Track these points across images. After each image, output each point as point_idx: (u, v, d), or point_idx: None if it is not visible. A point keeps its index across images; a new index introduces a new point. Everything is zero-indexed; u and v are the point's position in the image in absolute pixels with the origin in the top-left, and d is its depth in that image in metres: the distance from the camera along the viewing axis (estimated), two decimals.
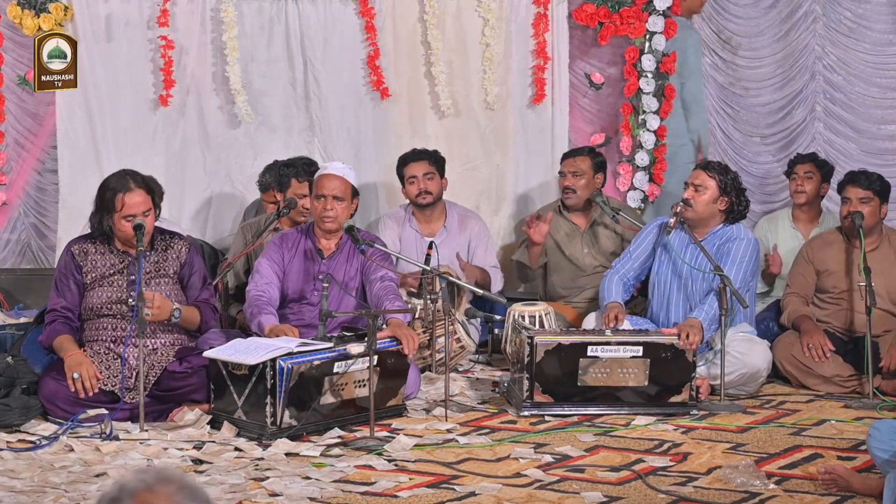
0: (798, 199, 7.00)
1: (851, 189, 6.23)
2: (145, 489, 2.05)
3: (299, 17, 7.54)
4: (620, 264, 6.35)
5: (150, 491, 2.05)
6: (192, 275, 5.67)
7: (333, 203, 5.86)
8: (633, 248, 6.35)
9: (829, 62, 7.71)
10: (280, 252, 5.95)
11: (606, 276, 6.35)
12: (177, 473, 2.10)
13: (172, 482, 2.07)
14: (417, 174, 7.00)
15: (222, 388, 5.28)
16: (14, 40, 7.48)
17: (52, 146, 7.55)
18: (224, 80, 7.47)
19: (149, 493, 2.05)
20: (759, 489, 4.41)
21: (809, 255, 6.42)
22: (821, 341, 6.10)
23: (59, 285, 5.62)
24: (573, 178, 6.99)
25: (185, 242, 5.72)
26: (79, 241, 5.69)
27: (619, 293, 6.21)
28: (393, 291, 5.78)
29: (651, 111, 7.60)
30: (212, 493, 4.31)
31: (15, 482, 4.49)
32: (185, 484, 2.08)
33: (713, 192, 6.06)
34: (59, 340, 5.50)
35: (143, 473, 2.08)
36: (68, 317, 5.56)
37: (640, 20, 7.53)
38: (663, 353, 5.55)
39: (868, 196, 6.20)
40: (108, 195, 5.52)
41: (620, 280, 6.27)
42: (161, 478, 2.07)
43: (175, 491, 2.06)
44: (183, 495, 2.06)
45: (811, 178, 6.95)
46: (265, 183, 6.91)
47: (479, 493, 4.38)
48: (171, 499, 2.05)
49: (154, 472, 2.09)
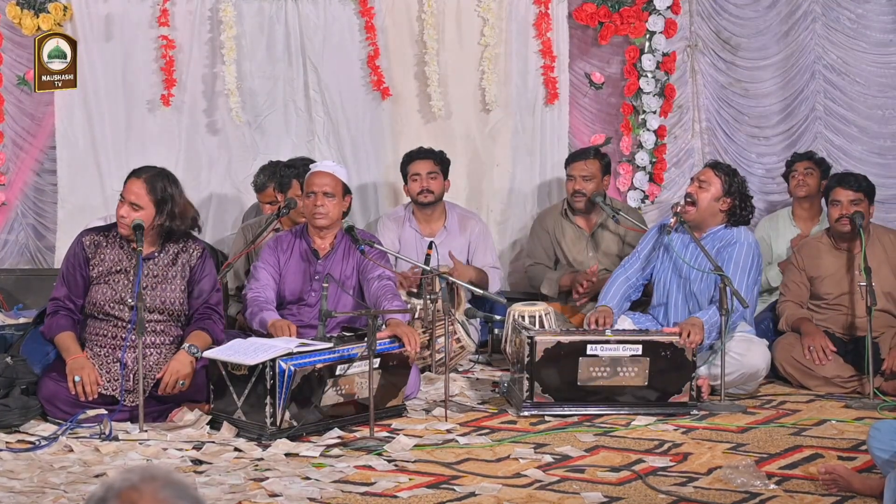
0: (799, 191, 7.00)
1: (841, 191, 6.22)
2: (130, 488, 2.04)
3: (299, 16, 7.54)
4: (629, 263, 6.32)
5: (134, 489, 2.04)
6: (203, 279, 5.57)
7: (324, 199, 5.87)
8: (641, 248, 6.33)
9: (830, 62, 7.70)
10: (275, 255, 5.96)
11: (613, 275, 6.32)
12: (163, 471, 2.09)
13: (157, 479, 2.05)
14: (421, 172, 7.00)
15: (222, 389, 5.28)
16: (13, 40, 7.48)
17: (51, 146, 7.55)
18: (223, 80, 7.46)
19: (133, 492, 2.04)
20: (759, 489, 4.40)
21: (800, 262, 6.41)
22: (822, 344, 6.09)
23: (65, 275, 5.56)
24: (584, 181, 6.97)
25: (199, 246, 5.63)
26: (92, 231, 5.63)
27: (618, 295, 6.18)
28: (391, 290, 5.78)
29: (651, 111, 7.61)
30: (211, 494, 4.30)
31: (14, 482, 4.48)
32: (171, 480, 2.06)
33: (717, 190, 6.05)
34: (61, 338, 5.46)
35: (130, 472, 2.07)
36: (70, 308, 5.51)
37: (641, 20, 7.54)
38: (663, 352, 5.55)
39: (859, 198, 6.20)
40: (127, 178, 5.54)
41: (626, 280, 6.24)
42: (146, 476, 2.06)
43: (160, 488, 2.04)
44: (169, 492, 2.05)
45: (811, 173, 6.98)
46: (260, 183, 6.90)
47: (479, 493, 4.37)
48: (156, 496, 2.04)
49: (140, 470, 2.07)
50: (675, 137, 7.77)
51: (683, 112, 7.79)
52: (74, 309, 5.53)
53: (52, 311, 5.53)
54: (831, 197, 6.26)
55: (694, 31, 7.76)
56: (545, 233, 7.13)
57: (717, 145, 7.79)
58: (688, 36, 7.75)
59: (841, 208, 6.20)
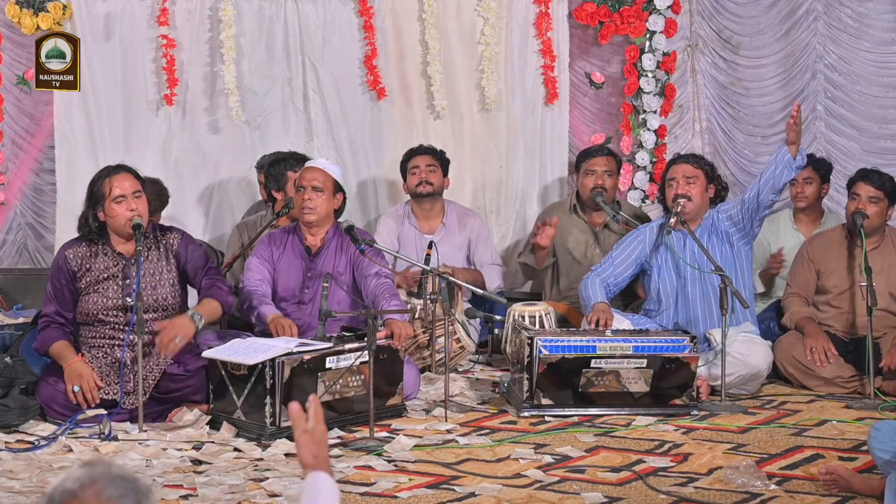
0: (799, 203, 6.97)
1: (863, 186, 6.19)
2: (70, 497, 2.00)
3: (298, 16, 7.53)
4: (601, 269, 6.27)
5: (74, 498, 1.99)
6: (192, 258, 5.57)
7: (312, 194, 5.86)
8: (616, 254, 6.29)
9: (831, 61, 7.69)
10: (269, 250, 5.98)
11: (587, 278, 6.25)
12: (103, 469, 2.03)
13: (98, 481, 2.00)
14: (420, 165, 7.00)
15: (221, 389, 5.27)
16: (12, 39, 7.47)
17: (50, 146, 7.54)
18: (222, 79, 7.45)
19: (73, 501, 1.99)
20: (759, 490, 4.39)
21: (810, 253, 6.40)
22: (824, 345, 6.08)
23: (52, 292, 5.50)
24: (606, 177, 6.92)
25: (175, 234, 5.63)
26: (73, 244, 5.56)
27: (603, 294, 6.15)
28: (389, 289, 5.77)
29: (651, 111, 7.60)
30: (211, 494, 4.30)
31: (13, 483, 4.48)
32: (114, 477, 2.01)
33: (703, 180, 6.17)
34: (55, 347, 5.42)
35: (67, 479, 2.01)
36: (61, 322, 5.49)
37: (641, 19, 7.54)
38: (667, 365, 5.53)
39: (879, 196, 6.16)
40: (97, 185, 5.46)
41: (603, 282, 6.21)
42: (86, 480, 2.00)
43: (103, 488, 2.00)
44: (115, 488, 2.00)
45: (810, 182, 6.91)
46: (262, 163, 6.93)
47: (479, 493, 4.36)
48: (100, 498, 2.00)
49: (79, 474, 2.01)
50: (675, 137, 7.76)
51: (684, 112, 7.78)
52: (66, 322, 5.51)
53: (42, 326, 5.51)
54: (852, 190, 6.23)
55: (694, 30, 7.75)
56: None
57: (717, 145, 7.78)
58: (688, 35, 7.75)
59: (858, 202, 6.16)
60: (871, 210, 6.14)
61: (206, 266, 5.62)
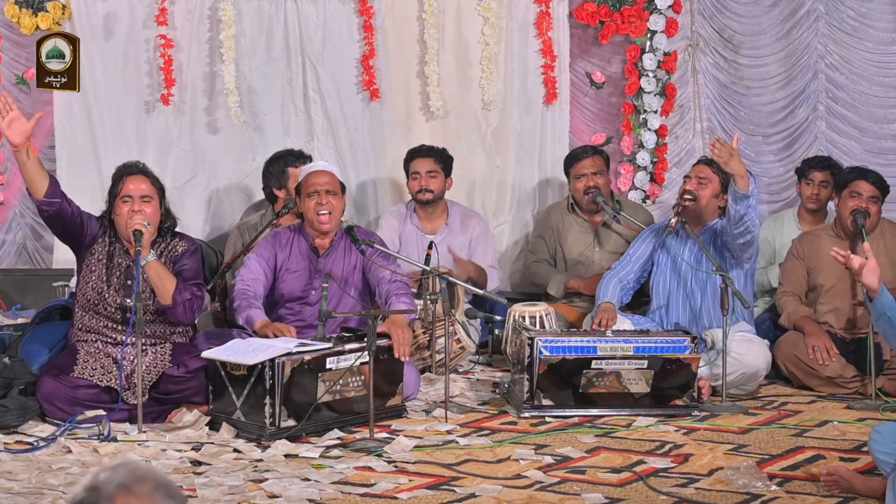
0: (811, 205, 6.97)
1: (864, 185, 6.17)
2: (124, 492, 1.96)
3: (298, 15, 7.52)
4: (620, 266, 6.32)
5: (129, 493, 1.96)
6: (181, 271, 5.49)
7: (327, 198, 5.80)
8: (633, 251, 6.33)
9: (832, 61, 7.68)
10: (272, 250, 5.89)
11: (605, 277, 6.32)
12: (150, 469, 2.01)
13: (148, 481, 1.98)
14: (421, 171, 6.99)
15: (221, 389, 5.26)
16: (11, 39, 7.46)
17: (50, 146, 7.53)
18: (221, 79, 7.44)
19: (128, 496, 1.96)
20: (760, 490, 4.39)
21: (799, 251, 6.39)
22: (826, 344, 6.07)
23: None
24: (595, 177, 6.92)
25: (183, 243, 5.60)
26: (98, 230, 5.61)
27: (616, 295, 6.18)
28: (403, 288, 5.72)
29: (652, 110, 7.59)
30: (210, 495, 4.30)
31: (12, 483, 4.47)
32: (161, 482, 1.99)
33: (716, 186, 6.11)
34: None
35: (115, 473, 1.98)
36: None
37: (642, 19, 7.52)
38: (668, 366, 5.52)
39: (877, 195, 6.17)
40: (114, 180, 5.53)
41: (619, 282, 6.24)
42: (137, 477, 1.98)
43: (152, 490, 1.99)
44: (161, 494, 2.00)
45: (826, 186, 6.92)
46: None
47: (480, 494, 4.35)
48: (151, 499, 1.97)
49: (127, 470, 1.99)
50: (676, 137, 7.75)
51: (685, 111, 7.77)
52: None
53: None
54: (852, 188, 6.20)
55: (695, 30, 7.74)
56: (549, 229, 7.10)
57: None
58: (689, 35, 7.74)
59: (860, 201, 6.15)
60: (872, 209, 6.14)
61: (189, 280, 5.49)
